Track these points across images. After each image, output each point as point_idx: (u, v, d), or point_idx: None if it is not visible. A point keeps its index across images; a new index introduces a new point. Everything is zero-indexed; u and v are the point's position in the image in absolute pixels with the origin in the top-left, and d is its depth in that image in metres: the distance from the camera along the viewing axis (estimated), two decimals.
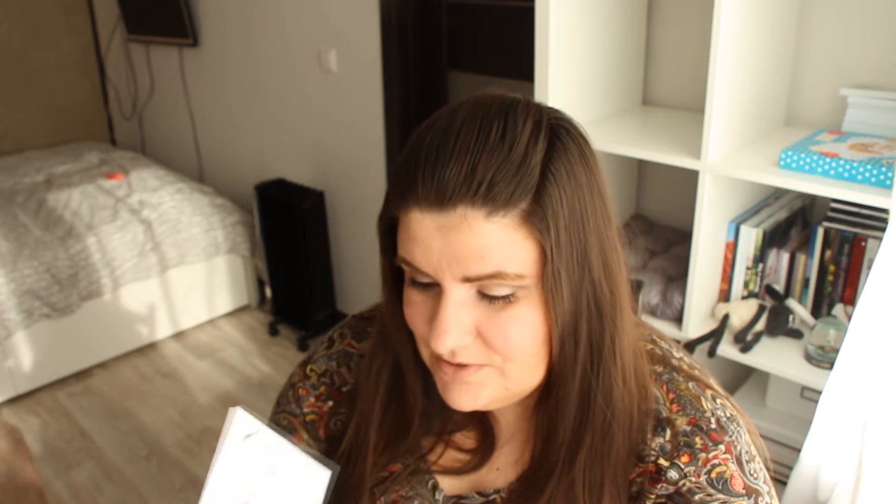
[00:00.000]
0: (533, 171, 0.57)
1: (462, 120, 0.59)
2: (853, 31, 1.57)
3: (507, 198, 0.56)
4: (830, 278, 1.55)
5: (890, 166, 1.30)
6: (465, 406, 0.64)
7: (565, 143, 0.59)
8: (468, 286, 0.59)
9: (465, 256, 0.57)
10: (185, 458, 2.45)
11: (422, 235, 0.58)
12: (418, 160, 0.58)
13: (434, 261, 0.58)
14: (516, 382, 0.64)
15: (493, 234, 0.56)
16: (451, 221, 0.57)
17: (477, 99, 0.62)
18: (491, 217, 0.56)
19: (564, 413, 0.64)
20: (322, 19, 2.73)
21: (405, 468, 0.74)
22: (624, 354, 0.65)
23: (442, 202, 0.56)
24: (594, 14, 1.67)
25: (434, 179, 0.56)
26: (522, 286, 0.59)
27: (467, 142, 0.57)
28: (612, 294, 0.63)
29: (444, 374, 0.64)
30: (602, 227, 0.61)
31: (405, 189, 0.59)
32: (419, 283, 0.62)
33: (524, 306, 0.60)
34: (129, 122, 4.17)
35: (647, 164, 1.96)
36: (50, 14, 3.91)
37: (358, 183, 2.85)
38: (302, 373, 0.82)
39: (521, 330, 0.60)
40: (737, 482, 0.65)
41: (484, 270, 0.57)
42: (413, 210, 0.58)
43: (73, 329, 2.85)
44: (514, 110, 0.59)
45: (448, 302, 0.59)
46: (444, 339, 0.59)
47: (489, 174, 0.56)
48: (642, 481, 0.67)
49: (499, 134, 0.57)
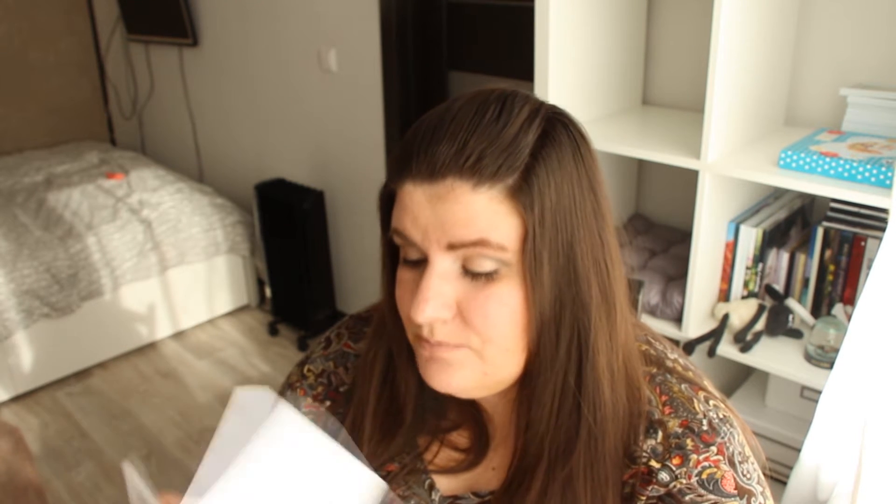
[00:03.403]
0: (522, 150, 0.59)
1: (460, 104, 0.61)
2: (853, 31, 1.57)
3: (494, 171, 0.58)
4: (830, 278, 1.55)
5: (890, 166, 1.30)
6: (441, 385, 0.65)
7: (559, 134, 0.61)
8: (453, 258, 0.60)
9: (452, 224, 0.59)
10: (184, 458, 2.45)
11: (412, 206, 0.60)
12: (415, 138, 0.61)
13: (422, 229, 0.60)
14: (495, 368, 0.64)
15: (479, 204, 0.58)
16: (439, 191, 0.59)
17: (479, 89, 0.64)
18: (477, 188, 0.58)
19: (541, 402, 0.64)
20: (322, 19, 2.73)
21: (402, 468, 0.74)
22: (614, 354, 0.64)
23: (432, 174, 0.59)
24: (594, 14, 1.67)
25: (427, 154, 0.59)
26: (505, 262, 0.60)
27: (462, 121, 0.59)
28: (601, 291, 0.63)
29: (424, 350, 0.64)
30: (593, 224, 0.62)
31: (401, 164, 0.61)
32: (410, 262, 0.63)
33: (505, 286, 0.60)
34: (129, 121, 4.17)
35: (647, 163, 1.96)
36: (50, 14, 3.91)
37: (358, 183, 2.85)
38: (299, 373, 0.82)
39: (500, 309, 0.61)
40: (728, 483, 0.65)
41: (468, 237, 0.59)
42: (407, 183, 0.60)
43: (73, 329, 2.85)
44: (512, 97, 0.62)
45: (432, 272, 0.60)
46: (423, 307, 0.60)
47: (479, 148, 0.58)
48: (634, 483, 0.67)
49: (494, 115, 0.60)
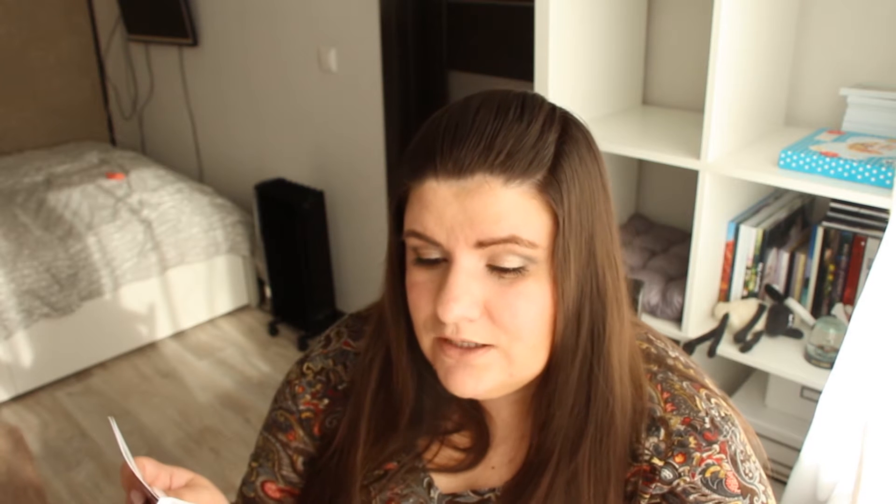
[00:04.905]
0: (549, 147, 0.59)
1: (479, 104, 0.61)
2: (853, 31, 1.57)
3: (525, 167, 0.58)
4: (830, 278, 1.55)
5: (890, 166, 1.30)
6: (468, 391, 0.63)
7: (576, 133, 0.62)
8: (479, 256, 0.59)
9: (482, 220, 0.58)
10: (184, 458, 2.45)
11: (437, 203, 0.59)
12: (436, 136, 0.60)
13: (447, 226, 0.59)
14: (520, 367, 0.63)
15: (510, 200, 0.58)
16: (469, 186, 0.58)
17: (490, 91, 0.64)
18: (508, 184, 0.58)
19: (563, 398, 0.64)
20: (322, 19, 2.73)
21: (401, 466, 0.74)
22: (621, 347, 0.65)
23: (460, 171, 0.58)
24: (594, 14, 1.67)
25: (452, 151, 0.58)
26: (533, 259, 0.59)
27: (486, 119, 0.59)
28: (613, 284, 0.63)
29: (449, 357, 0.63)
30: (605, 219, 0.63)
31: (422, 161, 0.60)
32: (425, 262, 0.62)
33: (534, 283, 0.60)
34: (129, 121, 4.17)
35: (647, 163, 1.96)
36: (50, 14, 3.91)
37: (358, 183, 2.85)
38: (298, 370, 0.83)
39: (529, 306, 0.60)
40: (731, 482, 0.65)
41: (499, 234, 0.58)
42: (429, 179, 0.59)
43: (73, 329, 2.85)
44: (531, 98, 0.62)
45: (458, 269, 0.59)
46: (451, 306, 0.59)
47: (508, 144, 0.58)
48: (636, 481, 0.67)
49: (517, 113, 0.60)
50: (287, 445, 0.82)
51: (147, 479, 0.62)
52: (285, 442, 0.82)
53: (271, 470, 0.83)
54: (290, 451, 0.82)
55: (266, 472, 0.83)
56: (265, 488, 0.83)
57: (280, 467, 0.82)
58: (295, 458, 0.82)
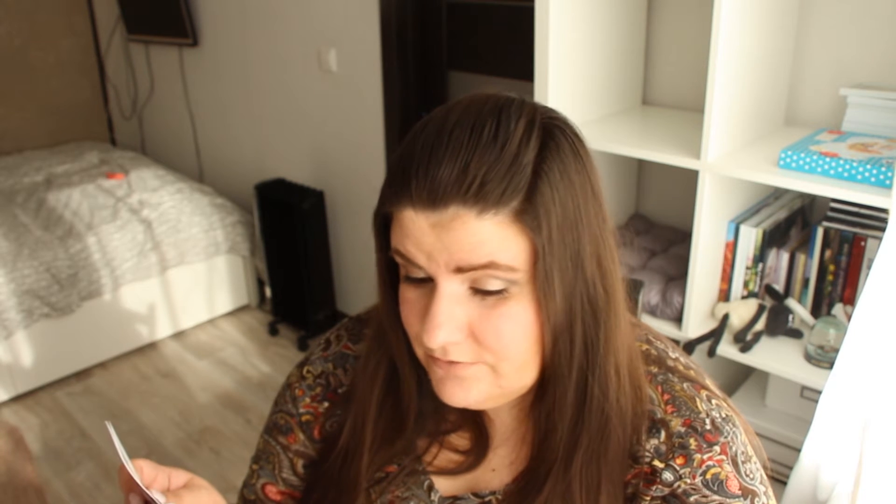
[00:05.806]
0: (525, 169, 0.57)
1: (455, 119, 0.59)
2: (853, 31, 1.57)
3: (499, 196, 0.56)
4: (830, 278, 1.55)
5: (890, 166, 1.30)
6: (458, 401, 0.64)
7: (559, 142, 0.59)
8: (460, 280, 0.59)
9: (458, 249, 0.57)
10: (184, 458, 2.45)
11: (415, 232, 0.58)
12: (412, 159, 0.58)
13: (426, 252, 0.59)
14: (509, 381, 0.64)
15: (486, 230, 0.57)
16: (443, 220, 0.57)
17: (472, 98, 0.62)
18: (482, 215, 0.56)
19: (563, 410, 0.64)
20: (322, 19, 2.73)
21: (401, 469, 0.74)
22: (619, 354, 0.64)
23: (434, 201, 0.57)
24: (594, 14, 1.67)
25: (427, 179, 0.57)
26: (514, 281, 0.59)
27: (460, 141, 0.57)
28: (606, 293, 0.62)
29: (439, 368, 0.64)
30: (596, 228, 0.61)
31: (399, 187, 0.59)
32: (413, 280, 0.62)
33: (517, 304, 0.60)
34: (129, 121, 4.17)
35: (647, 163, 1.96)
36: (50, 14, 3.91)
37: (358, 183, 2.85)
38: (298, 374, 0.83)
39: (513, 328, 0.60)
40: (732, 483, 0.65)
41: (477, 261, 0.57)
42: (406, 208, 0.58)
43: (73, 329, 2.85)
44: (507, 109, 0.60)
45: (441, 295, 0.59)
46: (435, 333, 0.59)
47: (480, 173, 0.56)
48: (637, 483, 0.67)
49: (491, 133, 0.58)
50: (287, 448, 0.82)
51: (145, 480, 0.63)
52: (286, 445, 0.82)
53: (272, 472, 0.83)
54: (290, 453, 0.82)
55: (266, 474, 0.83)
56: (265, 491, 0.83)
57: (280, 470, 0.82)
58: (295, 461, 0.82)
